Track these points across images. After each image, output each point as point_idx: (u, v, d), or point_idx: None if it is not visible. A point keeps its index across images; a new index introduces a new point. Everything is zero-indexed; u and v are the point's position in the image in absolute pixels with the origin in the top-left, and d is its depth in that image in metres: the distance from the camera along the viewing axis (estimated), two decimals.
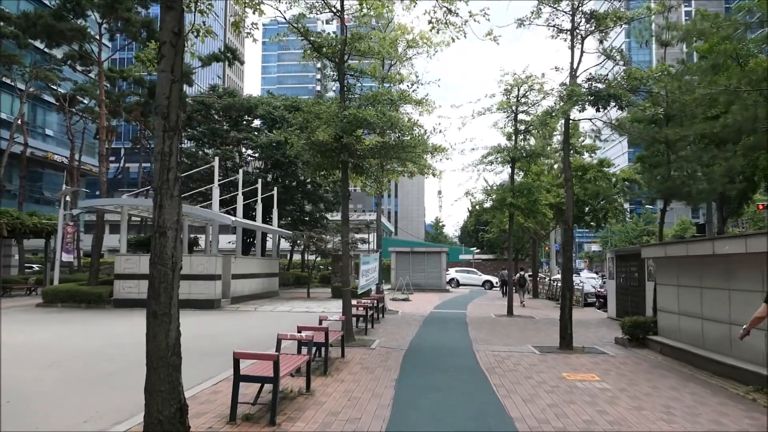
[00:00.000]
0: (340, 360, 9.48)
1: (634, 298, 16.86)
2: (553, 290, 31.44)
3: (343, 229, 11.53)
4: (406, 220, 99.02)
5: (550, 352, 10.74)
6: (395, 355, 10.11)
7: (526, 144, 18.87)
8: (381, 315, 17.15)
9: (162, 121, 3.84)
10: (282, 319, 17.13)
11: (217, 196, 20.54)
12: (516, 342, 12.31)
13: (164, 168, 3.82)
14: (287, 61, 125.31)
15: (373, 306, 15.05)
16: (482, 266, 53.38)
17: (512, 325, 16.04)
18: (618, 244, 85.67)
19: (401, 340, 12.16)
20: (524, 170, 20.01)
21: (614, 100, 10.58)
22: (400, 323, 15.78)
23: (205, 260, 19.88)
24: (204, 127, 33.76)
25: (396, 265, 36.04)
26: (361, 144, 11.32)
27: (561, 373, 8.74)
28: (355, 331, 13.14)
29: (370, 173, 12.14)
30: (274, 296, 26.32)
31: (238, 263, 21.88)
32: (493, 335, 13.45)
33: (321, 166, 11.78)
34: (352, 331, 11.44)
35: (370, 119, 10.28)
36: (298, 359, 6.75)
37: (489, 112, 19.07)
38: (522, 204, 18.42)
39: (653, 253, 11.32)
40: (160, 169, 3.82)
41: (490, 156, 19.25)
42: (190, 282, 19.69)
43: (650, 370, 9.07)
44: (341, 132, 10.46)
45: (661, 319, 11.30)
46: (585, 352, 10.85)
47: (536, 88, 18.59)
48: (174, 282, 3.84)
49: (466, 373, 8.66)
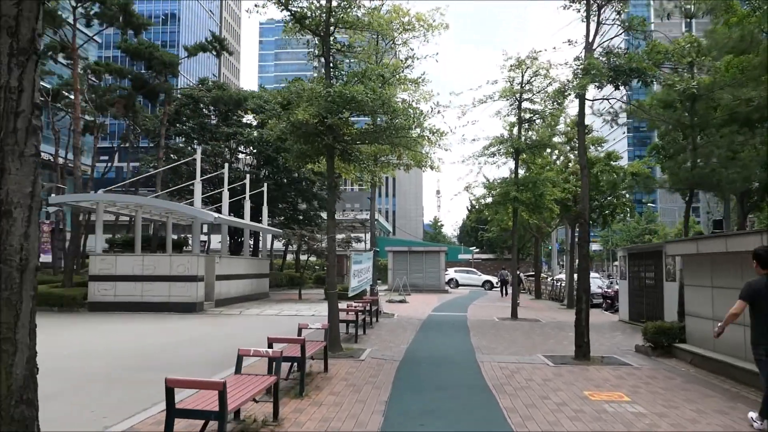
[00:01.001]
0: (322, 375, 8.11)
1: (650, 300, 15.52)
2: (556, 291, 30.15)
3: (329, 224, 10.16)
4: (404, 220, 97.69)
5: (565, 364, 9.38)
6: (387, 368, 8.75)
7: (531, 134, 17.53)
8: (375, 319, 15.79)
9: (8, 40, 2.47)
10: (266, 324, 15.75)
11: (200, 192, 19.16)
12: (524, 350, 10.95)
13: (9, 112, 2.45)
14: (285, 60, 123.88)
15: (365, 309, 13.69)
16: (482, 266, 52.05)
17: (517, 329, 14.68)
18: (619, 244, 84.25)
19: (395, 349, 10.80)
20: (529, 162, 18.61)
21: (637, 76, 9.23)
22: (396, 328, 14.42)
23: (185, 260, 18.50)
24: (193, 122, 32.37)
25: (393, 265, 34.67)
26: (348, 128, 9.95)
27: (582, 391, 7.38)
28: (344, 339, 11.78)
29: (360, 161, 10.76)
30: (264, 298, 24.94)
31: (223, 263, 20.50)
32: (498, 342, 12.09)
33: (304, 153, 10.41)
34: (338, 340, 10.07)
35: (358, 97, 8.92)
36: (261, 382, 5.39)
37: (491, 100, 17.74)
38: (527, 199, 17.07)
39: (681, 250, 9.97)
40: (3, 113, 2.45)
41: (492, 147, 17.90)
42: (170, 284, 18.34)
43: (686, 387, 7.72)
44: (325, 112, 9.10)
45: (690, 324, 9.96)
46: (605, 363, 9.50)
47: (542, 74, 17.39)
48: (24, 288, 2.47)
49: (470, 393, 7.30)
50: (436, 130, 10.27)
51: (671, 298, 13.93)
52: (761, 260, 5.60)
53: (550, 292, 31.47)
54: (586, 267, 9.81)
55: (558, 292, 29.58)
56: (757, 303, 5.48)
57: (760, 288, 5.50)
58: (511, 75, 17.52)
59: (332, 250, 10.12)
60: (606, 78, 9.14)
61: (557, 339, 12.83)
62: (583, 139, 9.90)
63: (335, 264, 10.19)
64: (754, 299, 5.49)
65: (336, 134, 9.58)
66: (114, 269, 18.43)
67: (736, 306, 5.57)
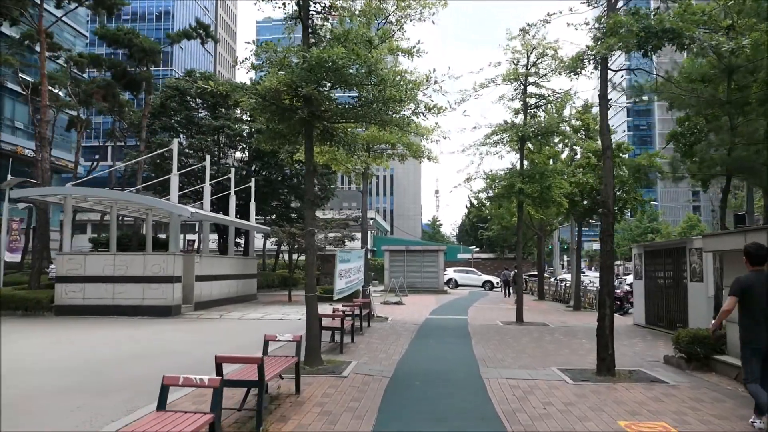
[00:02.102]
0: (293, 399, 6.59)
1: (671, 302, 14.03)
2: (560, 291, 28.68)
3: (307, 215, 8.63)
4: (402, 219, 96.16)
5: (586, 381, 7.86)
6: (374, 389, 7.22)
7: (539, 120, 16.02)
8: (366, 323, 14.29)
9: None
10: (246, 330, 14.24)
11: (176, 186, 17.59)
12: (536, 362, 9.43)
13: None
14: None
15: (353, 314, 12.18)
16: (482, 266, 50.52)
17: (524, 335, 13.16)
18: (621, 243, 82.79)
19: (386, 362, 9.28)
20: (535, 152, 17.09)
21: (671, 38, 7.72)
22: (389, 334, 12.90)
23: (161, 259, 16.95)
24: (180, 116, 30.79)
25: (389, 264, 33.18)
26: (329, 102, 8.44)
27: (616, 420, 5.86)
28: (327, 348, 10.27)
29: (345, 144, 9.24)
30: (251, 300, 23.41)
31: (204, 263, 18.95)
32: (504, 351, 10.57)
33: (278, 133, 8.88)
34: (318, 351, 8.56)
35: (338, 61, 7.40)
36: (189, 424, 3.86)
37: (494, 84, 16.27)
38: (533, 191, 15.55)
39: (723, 245, 8.46)
40: None
41: (495, 135, 16.38)
42: (144, 285, 16.81)
43: (743, 413, 6.19)
44: (299, 80, 7.58)
45: (732, 333, 8.44)
46: (634, 380, 7.99)
47: (549, 54, 15.90)
48: None
49: (476, 424, 5.78)
50: (434, 106, 8.75)
51: (696, 301, 12.45)
52: (751, 257, 5.74)
53: (553, 293, 29.99)
54: (611, 265, 8.29)
55: (562, 292, 28.11)
56: (746, 298, 5.59)
57: (749, 284, 5.62)
58: (516, 56, 16.05)
59: (311, 245, 8.60)
60: (636, 38, 7.63)
61: (571, 347, 11.32)
62: (605, 114, 8.39)
63: (314, 262, 8.67)
64: (743, 294, 5.59)
65: (313, 108, 8.06)
66: (83, 269, 16.88)
67: (727, 302, 5.70)
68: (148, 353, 10.42)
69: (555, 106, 16.45)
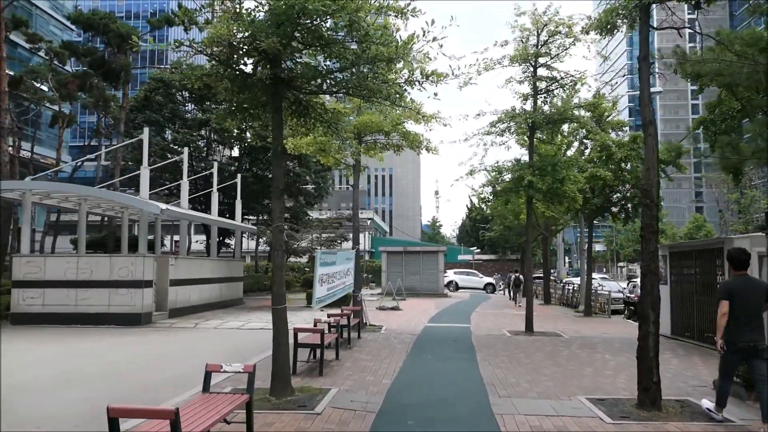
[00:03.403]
0: None
1: (702, 310, 12.33)
2: (567, 296, 26.97)
3: (274, 206, 6.88)
4: (401, 219, 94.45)
5: (626, 417, 6.14)
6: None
7: (553, 104, 14.35)
8: (357, 335, 12.58)
9: None
10: (221, 341, 12.54)
11: (147, 180, 15.82)
12: (557, 388, 7.71)
13: None
14: None
15: (339, 325, 10.47)
16: (483, 267, 48.85)
17: (538, 349, 11.44)
18: (624, 244, 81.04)
19: (374, 387, 7.56)
20: (547, 140, 15.39)
21: None
22: (381, 348, 11.19)
23: (129, 262, 15.21)
24: (166, 109, 29.08)
25: (387, 266, 31.44)
26: (299, 58, 6.74)
27: None
28: (306, 369, 8.57)
29: (324, 121, 7.53)
30: (236, 305, 21.66)
31: (180, 266, 17.21)
32: (517, 372, 8.85)
33: (238, 107, 7.17)
34: (287, 378, 6.83)
35: (309, 5, 5.70)
36: None
37: (500, 65, 14.58)
38: (544, 186, 13.84)
39: None
40: None
41: (501, 123, 14.67)
42: (111, 290, 15.08)
43: None
44: (257, 30, 5.87)
45: None
46: (686, 416, 6.26)
47: (563, 32, 14.22)
48: None
49: None
50: (432, 72, 7.04)
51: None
52: (734, 262, 5.97)
53: (559, 297, 28.28)
54: (655, 269, 6.55)
55: (569, 297, 26.41)
56: (733, 302, 5.75)
57: (735, 288, 5.84)
58: (525, 34, 14.36)
59: (279, 244, 6.87)
60: None
61: (594, 365, 9.60)
62: (647, 81, 6.68)
63: (283, 265, 6.94)
64: (731, 298, 5.76)
65: (278, 71, 6.35)
66: (42, 273, 15.15)
67: (721, 307, 5.80)
68: (75, 377, 8.65)
69: (567, 90, 14.73)
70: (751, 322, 5.74)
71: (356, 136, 14.29)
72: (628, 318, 20.26)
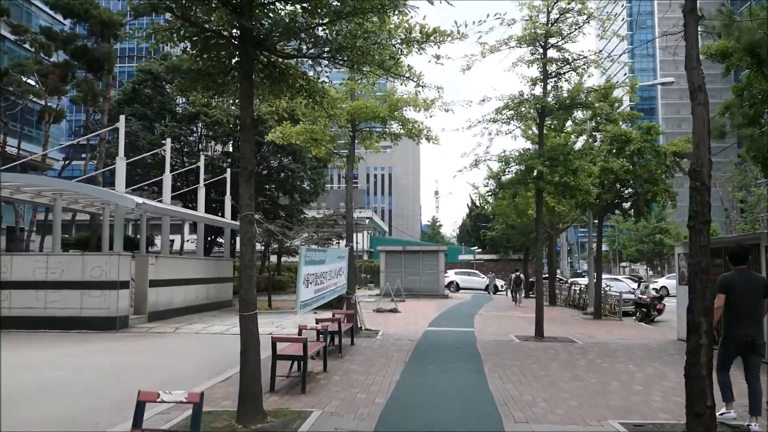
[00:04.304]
0: None
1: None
2: (573, 296, 25.75)
3: (242, 192, 5.67)
4: (400, 219, 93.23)
5: None
6: None
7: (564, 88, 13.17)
8: (350, 341, 11.37)
9: None
10: (199, 349, 11.33)
11: (123, 173, 14.59)
12: (582, 408, 6.49)
13: None
14: None
15: (327, 332, 9.24)
16: (485, 267, 47.60)
17: (552, 358, 10.21)
18: (627, 244, 79.88)
19: (364, 408, 6.34)
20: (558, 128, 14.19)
21: None
22: (376, 356, 9.97)
23: (103, 261, 13.98)
24: (155, 103, 27.85)
25: (386, 266, 30.22)
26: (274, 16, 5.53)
27: None
28: (286, 384, 7.35)
29: (305, 90, 6.31)
30: (224, 307, 20.46)
31: (161, 265, 15.98)
32: (533, 387, 7.61)
33: (203, 72, 5.95)
34: (258, 399, 5.61)
35: None
36: None
37: (507, 47, 13.41)
38: (555, 178, 12.60)
39: None
40: None
41: (508, 110, 13.46)
42: (83, 292, 13.85)
43: None
44: None
45: None
46: None
47: (575, 8, 13.03)
48: None
49: None
50: (434, 30, 5.82)
51: None
52: (733, 257, 6.07)
53: (566, 298, 27.07)
54: (706, 268, 5.35)
55: (575, 298, 25.22)
56: (731, 296, 5.84)
57: (733, 282, 5.91)
58: (533, 12, 13.16)
59: (248, 237, 5.65)
60: None
61: (619, 378, 8.38)
62: (695, 39, 5.48)
63: (253, 265, 5.73)
64: (729, 291, 5.86)
65: (244, 20, 5.13)
66: (8, 273, 13.93)
67: (716, 299, 5.79)
68: (44, 387, 7.45)
69: (581, 73, 13.53)
70: (750, 316, 5.76)
71: (349, 122, 13.09)
72: (640, 320, 19.10)
